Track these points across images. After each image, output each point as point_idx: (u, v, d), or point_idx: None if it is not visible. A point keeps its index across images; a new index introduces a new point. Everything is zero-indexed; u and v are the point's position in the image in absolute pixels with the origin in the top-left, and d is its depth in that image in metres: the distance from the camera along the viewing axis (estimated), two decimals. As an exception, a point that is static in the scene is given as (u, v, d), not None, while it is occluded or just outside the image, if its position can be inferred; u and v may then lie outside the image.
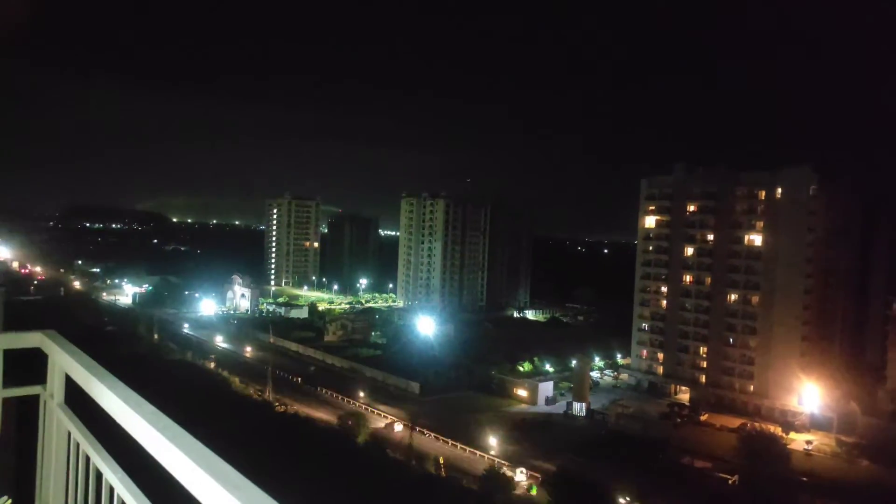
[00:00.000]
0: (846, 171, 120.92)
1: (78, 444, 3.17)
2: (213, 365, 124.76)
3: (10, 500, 2.92)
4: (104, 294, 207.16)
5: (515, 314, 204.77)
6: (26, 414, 3.64)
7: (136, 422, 2.48)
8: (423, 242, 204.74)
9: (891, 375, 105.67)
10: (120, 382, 2.91)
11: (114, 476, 2.80)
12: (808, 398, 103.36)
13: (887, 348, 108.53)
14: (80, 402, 3.34)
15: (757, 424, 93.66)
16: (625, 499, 68.33)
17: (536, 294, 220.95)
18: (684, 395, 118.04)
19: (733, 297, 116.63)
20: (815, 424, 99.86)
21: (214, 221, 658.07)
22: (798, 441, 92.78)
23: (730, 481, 77.06)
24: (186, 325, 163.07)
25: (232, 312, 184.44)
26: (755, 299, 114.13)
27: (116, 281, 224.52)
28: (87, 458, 3.05)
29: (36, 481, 3.56)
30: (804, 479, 78.50)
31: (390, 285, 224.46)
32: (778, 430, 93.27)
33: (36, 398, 3.64)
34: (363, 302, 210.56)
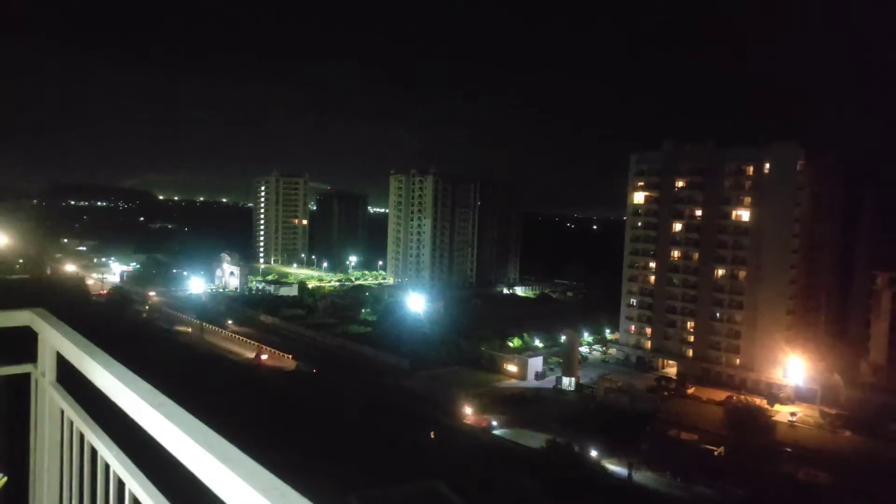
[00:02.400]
0: (833, 147, 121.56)
1: (72, 423, 3.15)
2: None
3: (5, 479, 2.92)
4: (91, 273, 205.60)
5: (505, 290, 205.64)
6: (18, 393, 3.62)
7: (130, 399, 2.46)
8: (412, 219, 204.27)
9: (873, 348, 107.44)
10: (113, 360, 2.89)
11: (109, 453, 2.79)
12: (793, 371, 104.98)
13: (870, 321, 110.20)
14: (72, 381, 3.31)
15: (742, 397, 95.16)
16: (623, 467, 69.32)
17: (526, 270, 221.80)
18: (672, 370, 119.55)
19: (720, 272, 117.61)
20: (799, 396, 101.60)
21: (201, 199, 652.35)
22: (783, 413, 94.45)
23: (715, 452, 78.50)
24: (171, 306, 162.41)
25: (221, 291, 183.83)
26: (742, 274, 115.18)
27: (103, 259, 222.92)
28: (82, 436, 3.03)
29: (30, 460, 3.56)
30: (788, 449, 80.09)
31: (380, 262, 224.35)
32: (763, 403, 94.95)
33: (27, 377, 3.61)
34: (353, 279, 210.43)
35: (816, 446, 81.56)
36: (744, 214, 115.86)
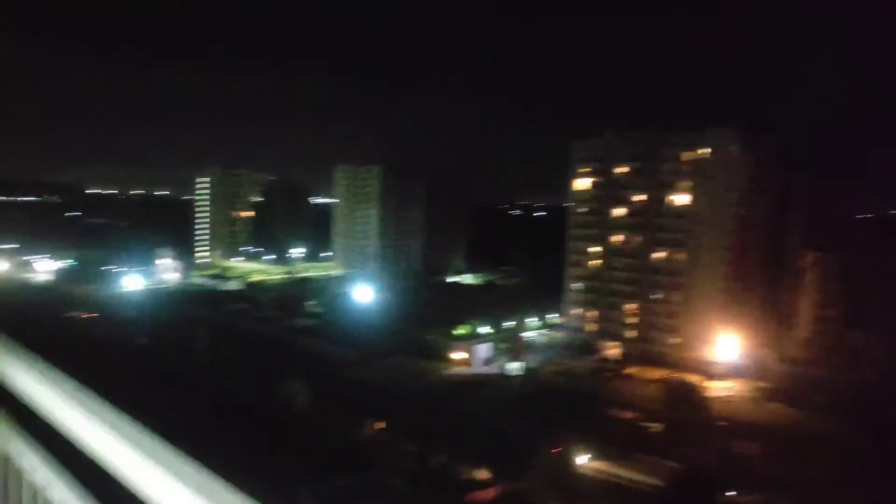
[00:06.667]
0: (767, 132, 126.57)
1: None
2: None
3: None
4: (21, 272, 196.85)
5: (453, 279, 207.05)
6: None
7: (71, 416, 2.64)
8: (359, 210, 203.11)
9: (801, 324, 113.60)
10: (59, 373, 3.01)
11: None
12: (728, 348, 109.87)
13: (798, 299, 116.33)
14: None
15: (678, 374, 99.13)
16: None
17: (473, 258, 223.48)
18: (615, 351, 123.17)
19: (660, 255, 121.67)
20: (733, 372, 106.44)
21: (140, 192, 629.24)
22: (717, 388, 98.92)
23: (653, 429, 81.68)
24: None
25: (161, 287, 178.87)
26: (680, 256, 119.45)
27: (35, 257, 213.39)
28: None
29: None
30: (723, 423, 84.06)
31: (327, 254, 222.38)
32: (700, 379, 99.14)
33: None
34: (299, 272, 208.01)
35: (748, 419, 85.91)
36: (682, 199, 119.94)
